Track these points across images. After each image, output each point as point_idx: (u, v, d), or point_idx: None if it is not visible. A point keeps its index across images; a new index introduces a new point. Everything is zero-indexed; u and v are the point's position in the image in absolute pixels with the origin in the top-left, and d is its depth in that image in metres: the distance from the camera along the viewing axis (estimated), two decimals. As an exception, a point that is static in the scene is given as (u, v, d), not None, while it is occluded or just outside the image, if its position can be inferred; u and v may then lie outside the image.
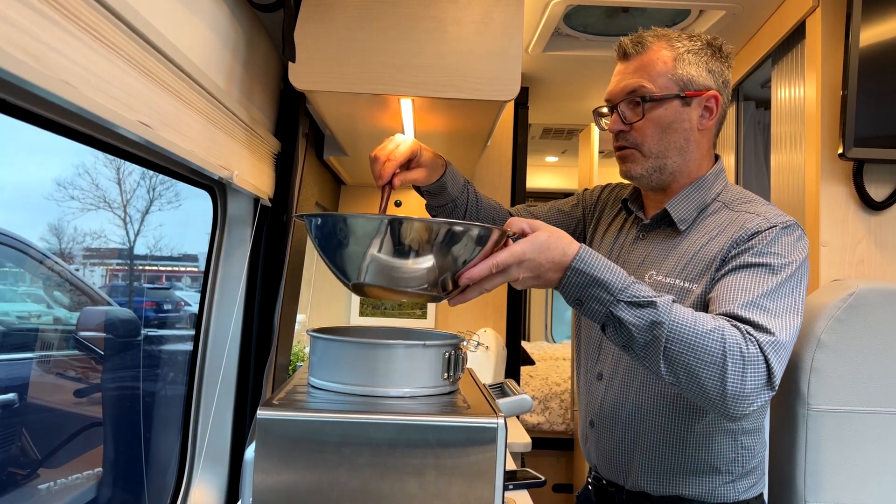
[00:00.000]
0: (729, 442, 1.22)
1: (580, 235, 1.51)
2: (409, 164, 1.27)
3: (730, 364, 0.99)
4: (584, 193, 1.54)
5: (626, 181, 1.36)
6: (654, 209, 1.32)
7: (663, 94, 1.23)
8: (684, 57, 1.24)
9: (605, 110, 1.32)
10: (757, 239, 1.16)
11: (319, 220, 0.96)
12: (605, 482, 1.34)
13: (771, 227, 1.17)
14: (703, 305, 1.17)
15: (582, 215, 1.52)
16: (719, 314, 1.08)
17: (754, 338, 1.03)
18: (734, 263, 1.15)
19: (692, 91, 1.23)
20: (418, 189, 1.38)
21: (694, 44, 1.25)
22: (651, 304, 1.00)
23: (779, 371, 1.03)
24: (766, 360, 1.02)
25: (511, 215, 1.46)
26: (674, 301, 1.04)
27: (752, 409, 1.02)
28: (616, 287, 1.01)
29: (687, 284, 1.20)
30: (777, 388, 1.03)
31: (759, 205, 1.25)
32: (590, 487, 1.40)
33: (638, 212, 1.36)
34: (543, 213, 1.53)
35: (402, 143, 1.23)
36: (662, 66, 1.23)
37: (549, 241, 1.01)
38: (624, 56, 1.28)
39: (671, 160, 1.26)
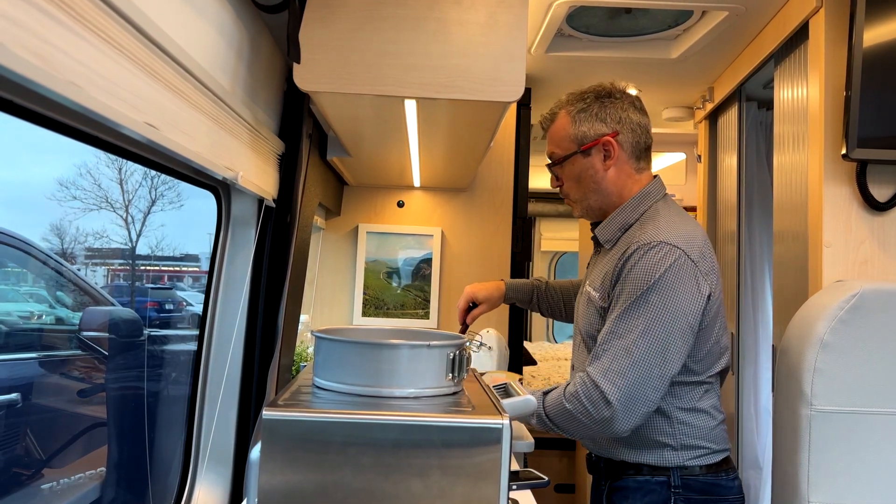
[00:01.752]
0: (663, 420, 1.46)
1: None
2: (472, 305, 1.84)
3: (576, 412, 1.38)
4: None
5: None
6: None
7: (566, 153, 1.54)
8: (576, 117, 1.53)
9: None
10: (626, 267, 1.41)
11: None
12: (592, 455, 1.61)
13: (635, 251, 1.40)
14: (602, 315, 1.48)
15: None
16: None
17: (585, 382, 1.38)
18: (612, 295, 1.45)
19: (587, 144, 1.52)
20: None
21: (584, 103, 1.53)
22: (534, 415, 1.45)
23: (617, 395, 1.34)
24: (603, 394, 1.34)
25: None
26: (542, 395, 1.45)
27: (622, 427, 1.36)
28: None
29: (595, 293, 1.51)
30: (619, 405, 1.34)
31: (650, 223, 1.46)
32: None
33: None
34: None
35: (462, 297, 1.84)
36: (563, 132, 1.55)
37: None
38: (544, 130, 1.61)
39: (591, 200, 1.56)
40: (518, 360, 2.83)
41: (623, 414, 1.34)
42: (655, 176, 1.57)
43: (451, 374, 1.07)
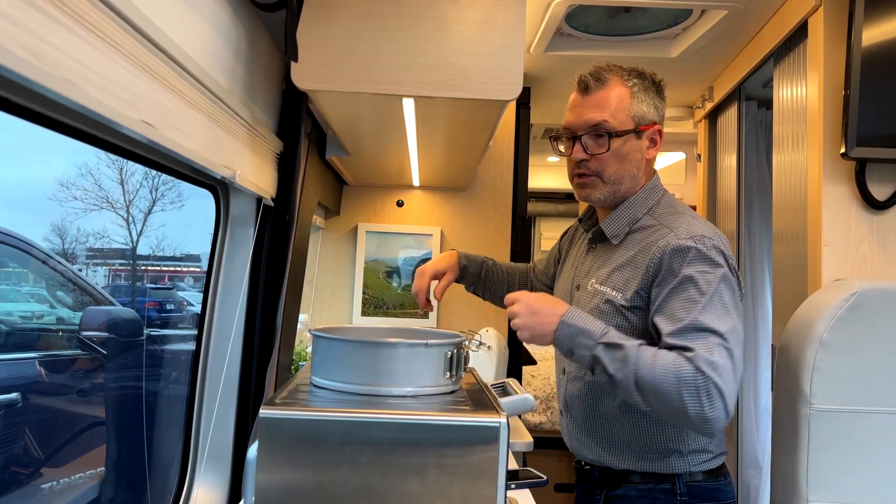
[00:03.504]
0: (671, 425, 1.36)
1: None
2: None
3: (685, 395, 1.15)
4: (562, 236, 1.76)
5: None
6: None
7: (624, 128, 1.39)
8: (637, 95, 1.40)
9: (559, 136, 1.48)
10: (676, 261, 1.28)
11: None
12: (583, 463, 1.50)
13: (685, 248, 1.28)
14: (625, 314, 1.34)
15: (559, 255, 1.73)
16: (666, 345, 1.23)
17: (701, 369, 1.17)
18: (664, 291, 1.28)
19: (644, 125, 1.41)
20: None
21: (643, 82, 1.41)
22: (620, 347, 1.20)
23: (729, 390, 1.17)
24: (717, 387, 1.16)
25: (528, 270, 1.83)
26: (641, 344, 1.22)
27: (720, 426, 1.17)
28: (596, 334, 1.23)
29: (613, 293, 1.37)
30: (731, 407, 1.18)
31: (678, 218, 1.37)
32: (576, 472, 1.56)
33: (589, 229, 1.54)
34: (543, 263, 1.80)
35: (424, 276, 1.66)
36: (620, 103, 1.39)
37: (539, 297, 1.31)
38: (585, 90, 1.42)
39: (624, 186, 1.42)
40: (517, 359, 2.83)
41: (724, 417, 1.18)
42: (655, 172, 1.51)
43: (448, 373, 1.07)
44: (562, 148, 1.48)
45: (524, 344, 1.37)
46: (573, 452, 1.54)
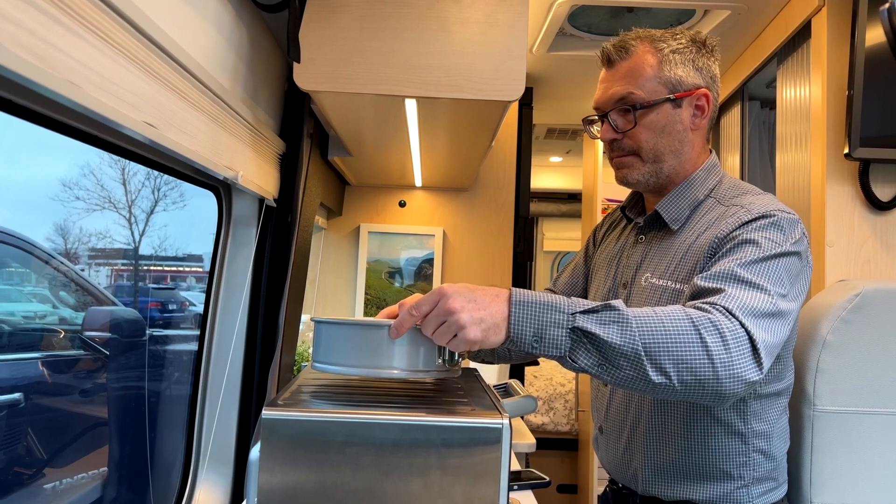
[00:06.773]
0: (739, 446, 1.20)
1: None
2: None
3: (707, 336, 0.92)
4: (595, 229, 1.55)
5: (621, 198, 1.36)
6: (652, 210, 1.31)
7: (653, 98, 1.21)
8: (670, 58, 1.22)
9: (594, 118, 1.31)
10: (741, 230, 1.11)
11: None
12: (620, 486, 1.33)
13: (754, 220, 1.12)
14: None
15: (592, 254, 1.51)
16: (690, 294, 1.05)
17: (727, 308, 0.96)
18: (715, 260, 1.11)
19: (682, 92, 1.22)
20: None
21: (678, 42, 1.23)
22: (607, 307, 0.93)
23: (762, 340, 0.95)
24: (746, 329, 0.95)
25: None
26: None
27: (745, 380, 0.93)
28: (563, 304, 0.94)
29: (678, 286, 1.18)
30: (763, 356, 0.95)
31: (749, 196, 1.20)
32: (608, 491, 1.41)
33: (636, 217, 1.36)
34: (567, 274, 1.54)
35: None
36: (649, 70, 1.22)
37: (472, 285, 0.96)
38: (608, 63, 1.26)
39: (667, 163, 1.25)
40: (520, 360, 2.82)
41: (756, 368, 0.95)
42: (711, 150, 1.34)
43: (441, 358, 1.05)
44: (595, 130, 1.32)
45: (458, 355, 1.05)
46: (612, 475, 1.37)
